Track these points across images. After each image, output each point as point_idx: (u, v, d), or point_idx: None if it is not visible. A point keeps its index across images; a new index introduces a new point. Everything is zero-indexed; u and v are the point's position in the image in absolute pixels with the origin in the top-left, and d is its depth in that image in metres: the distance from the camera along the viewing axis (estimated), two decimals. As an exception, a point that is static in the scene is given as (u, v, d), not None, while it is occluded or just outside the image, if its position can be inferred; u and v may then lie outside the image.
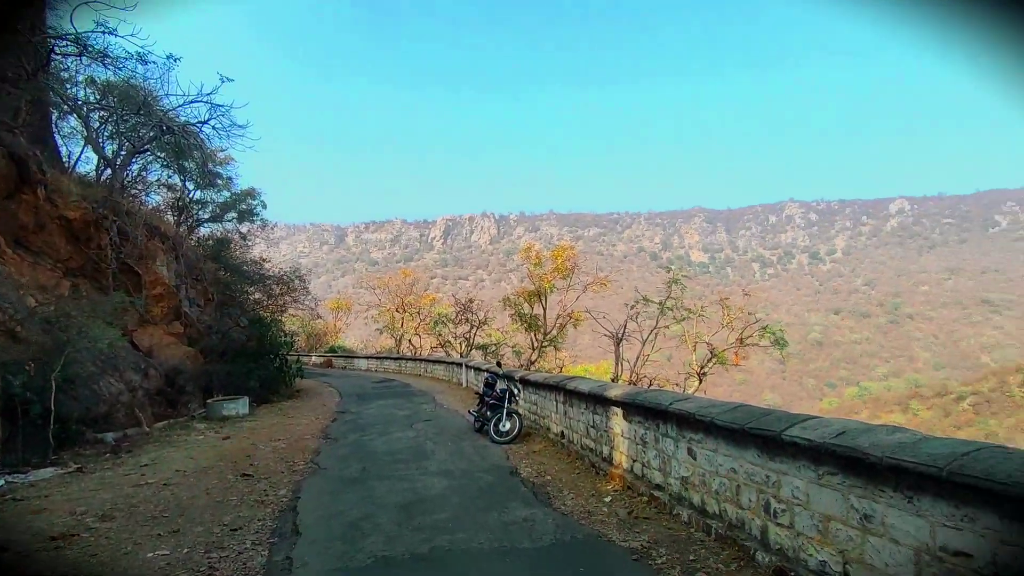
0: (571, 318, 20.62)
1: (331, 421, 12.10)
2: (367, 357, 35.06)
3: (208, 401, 13.36)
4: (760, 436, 4.07)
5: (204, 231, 21.66)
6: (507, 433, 9.27)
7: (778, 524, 3.95)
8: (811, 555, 3.64)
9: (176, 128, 14.82)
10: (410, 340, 36.84)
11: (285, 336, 20.33)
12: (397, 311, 37.30)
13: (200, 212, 21.40)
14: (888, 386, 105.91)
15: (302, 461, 8.00)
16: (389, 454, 8.41)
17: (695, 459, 5.04)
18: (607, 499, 5.90)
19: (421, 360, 26.85)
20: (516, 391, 10.06)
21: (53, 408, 8.37)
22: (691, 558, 4.21)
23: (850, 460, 3.33)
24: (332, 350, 40.23)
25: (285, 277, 21.56)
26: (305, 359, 35.33)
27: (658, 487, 5.68)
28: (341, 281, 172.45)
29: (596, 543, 4.63)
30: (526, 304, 20.74)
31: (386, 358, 32.03)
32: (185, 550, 4.52)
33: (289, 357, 19.26)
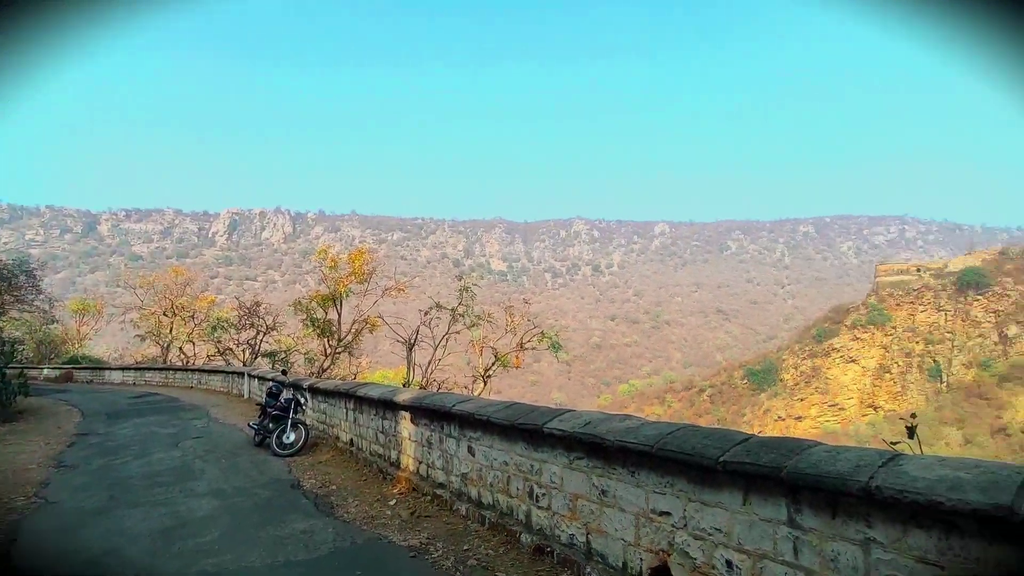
0: (368, 324, 20.23)
1: (67, 446, 10.08)
2: (123, 368, 29.83)
3: None
4: (527, 430, 4.56)
5: None
6: (291, 445, 8.77)
7: (539, 507, 4.47)
8: (563, 531, 4.20)
9: None
10: (181, 348, 32.36)
11: (4, 345, 16.33)
12: (165, 314, 32.45)
13: None
14: (651, 383, 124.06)
15: (23, 496, 6.56)
16: (146, 478, 7.35)
17: (474, 456, 5.42)
18: (392, 502, 5.99)
19: (195, 370, 23.77)
20: (303, 400, 9.58)
21: None
22: (465, 548, 4.53)
23: (593, 445, 3.94)
24: (74, 360, 33.30)
25: (4, 271, 17.30)
26: (34, 372, 28.69)
27: (441, 485, 5.95)
28: (90, 278, 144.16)
29: (376, 546, 4.69)
30: (319, 308, 19.76)
31: (149, 369, 27.62)
32: None
33: (8, 371, 15.49)
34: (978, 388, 67.38)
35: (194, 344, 32.54)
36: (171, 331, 32.27)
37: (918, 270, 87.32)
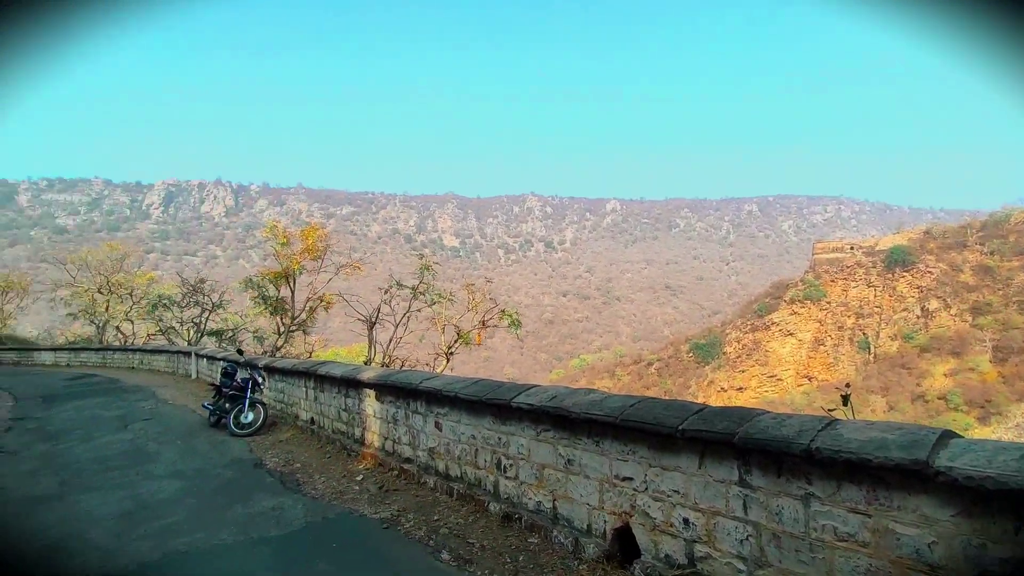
0: (322, 301, 19.88)
1: (3, 431, 9.62)
2: (54, 349, 28.25)
3: None
4: (495, 404, 4.75)
5: None
6: (250, 425, 8.68)
7: (507, 477, 4.69)
8: (531, 498, 4.44)
9: None
10: (118, 327, 30.86)
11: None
12: (100, 292, 30.76)
13: None
14: (601, 357, 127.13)
15: (-40, 486, 6.29)
16: (97, 462, 7.15)
17: (441, 431, 5.58)
18: (359, 478, 6.09)
19: (135, 350, 22.78)
20: (260, 379, 9.46)
21: None
22: (435, 518, 4.71)
23: (559, 418, 4.16)
24: (-3, 342, 31.25)
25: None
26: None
27: (408, 460, 6.09)
28: (9, 252, 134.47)
29: (348, 519, 4.81)
30: (271, 286, 19.24)
31: (84, 349, 26.25)
32: None
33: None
34: (901, 359, 72.66)
35: (132, 323, 31.08)
36: (107, 309, 30.67)
37: (851, 248, 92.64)
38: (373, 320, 16.42)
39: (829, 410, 3.67)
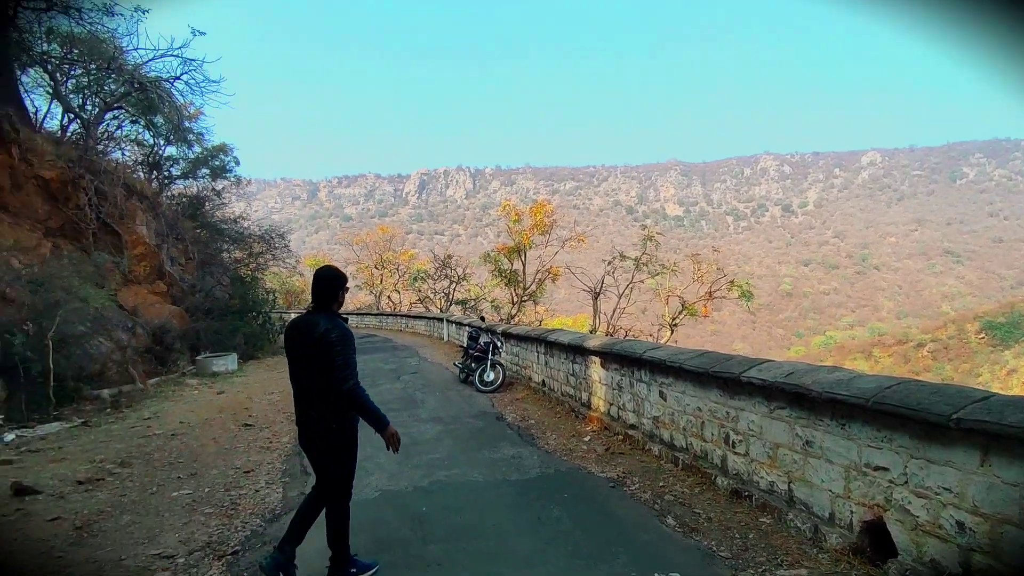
0: (549, 273, 21.13)
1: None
2: (347, 314, 35.27)
3: (197, 358, 13.63)
4: (722, 378, 4.62)
5: (177, 188, 21.28)
6: (491, 383, 9.82)
7: (736, 453, 4.54)
8: (762, 477, 4.24)
9: (148, 84, 14.47)
10: (389, 296, 37.12)
11: (266, 294, 20.47)
12: (376, 267, 37.39)
13: (172, 168, 20.98)
14: (853, 335, 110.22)
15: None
16: (381, 404, 8.84)
17: (666, 400, 5.62)
18: (586, 439, 6.50)
19: (401, 316, 27.25)
20: (499, 344, 10.58)
21: (51, 367, 8.62)
22: (660, 484, 4.81)
23: (796, 395, 3.88)
24: (311, 307, 40.27)
25: (266, 235, 21.52)
26: (287, 316, 35.42)
27: (632, 426, 6.28)
28: (315, 237, 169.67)
29: (577, 474, 5.21)
30: (505, 260, 21.14)
31: (366, 314, 32.34)
32: (206, 489, 4.97)
33: (272, 314, 19.48)
34: None
35: (399, 293, 37.08)
36: (380, 282, 37.14)
37: None
38: (597, 291, 16.88)
39: None
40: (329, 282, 3.39)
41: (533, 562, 3.50)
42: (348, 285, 3.59)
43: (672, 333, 15.73)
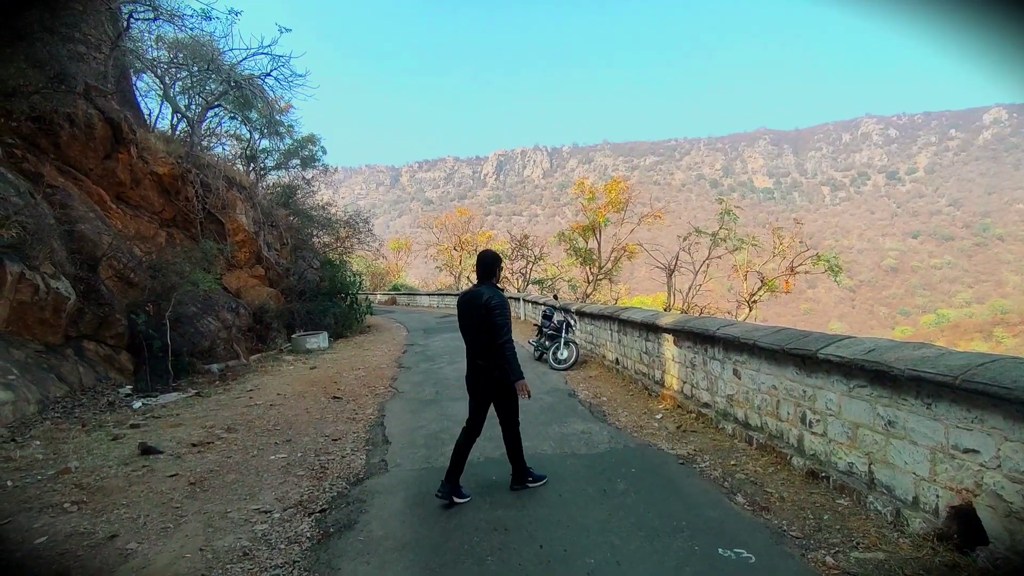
0: (625, 251, 20.75)
1: (402, 352, 13.17)
2: (428, 295, 36.54)
3: (292, 336, 14.72)
4: (799, 355, 4.44)
5: (271, 179, 22.83)
6: (565, 360, 9.91)
7: (813, 433, 4.38)
8: (840, 458, 4.07)
9: (243, 82, 15.56)
10: (468, 277, 37.96)
11: (353, 276, 21.63)
12: (455, 249, 38.32)
13: (266, 160, 22.51)
14: (970, 313, 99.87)
15: (382, 386, 8.97)
16: (458, 380, 9.24)
17: (740, 378, 5.47)
18: (658, 416, 6.46)
19: (480, 296, 27.77)
20: (572, 322, 10.63)
21: (169, 343, 9.68)
22: (732, 463, 4.73)
23: (877, 373, 3.67)
24: (395, 288, 42.09)
25: (351, 220, 22.67)
26: (372, 298, 37.27)
27: (706, 405, 6.16)
28: (398, 221, 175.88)
29: (646, 450, 5.22)
30: (580, 238, 20.96)
31: (447, 295, 33.31)
32: (299, 454, 5.46)
33: (358, 296, 20.59)
34: None
35: (478, 274, 37.77)
36: (460, 263, 38.05)
37: None
38: (672, 268, 16.40)
39: None
40: (488, 262, 4.29)
41: (595, 531, 3.59)
42: (503, 264, 4.75)
43: (751, 310, 14.98)
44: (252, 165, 21.35)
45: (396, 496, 4.35)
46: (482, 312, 4.07)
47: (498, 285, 4.36)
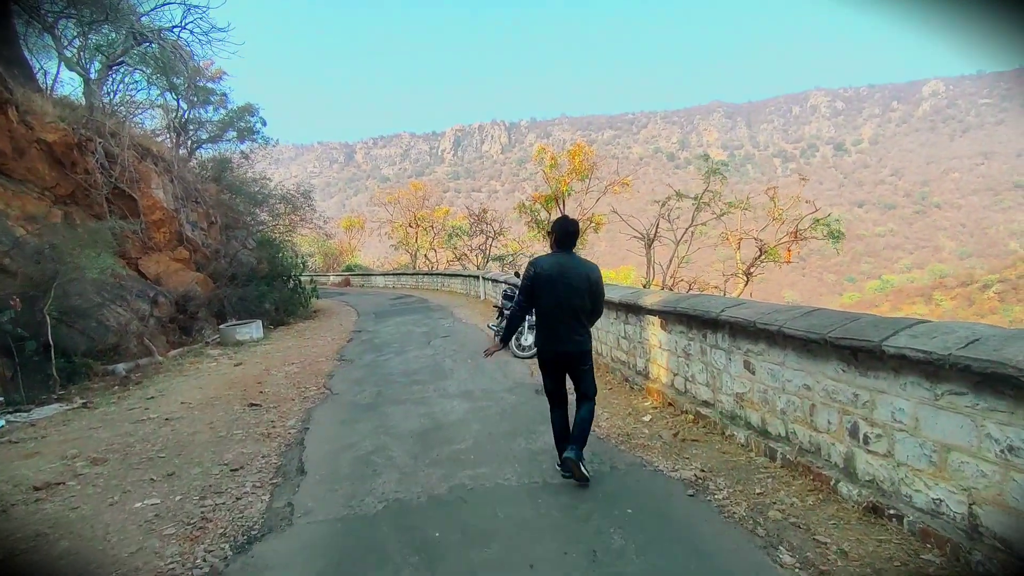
0: (592, 222, 19.57)
1: (347, 341, 11.69)
2: (384, 274, 34.72)
3: (220, 327, 13.00)
4: (848, 347, 3.28)
5: (206, 153, 20.56)
6: (529, 347, 8.66)
7: (870, 451, 3.24)
8: (919, 491, 2.94)
9: (149, 35, 13.43)
10: (426, 255, 36.27)
11: (297, 257, 19.77)
12: (411, 226, 36.45)
13: (199, 132, 20.24)
14: (911, 278, 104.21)
15: (314, 386, 7.54)
16: (406, 375, 7.90)
17: (753, 373, 4.31)
18: (646, 418, 5.29)
19: (437, 275, 26.34)
20: (538, 303, 9.36)
21: (52, 342, 7.95)
22: (758, 491, 3.56)
23: (987, 376, 2.52)
24: (349, 269, 39.97)
25: (288, 195, 20.64)
26: (323, 279, 35.12)
27: (705, 404, 5.02)
28: (354, 199, 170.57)
29: (640, 473, 4.02)
30: (543, 209, 19.64)
31: (403, 274, 31.62)
32: (178, 497, 4.03)
33: (303, 278, 18.80)
34: None
35: (435, 251, 36.16)
36: (416, 240, 36.25)
37: None
38: (651, 237, 15.18)
39: None
40: (575, 231, 4.08)
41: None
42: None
43: (747, 284, 14.01)
44: (179, 137, 19.09)
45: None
46: (592, 279, 3.89)
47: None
